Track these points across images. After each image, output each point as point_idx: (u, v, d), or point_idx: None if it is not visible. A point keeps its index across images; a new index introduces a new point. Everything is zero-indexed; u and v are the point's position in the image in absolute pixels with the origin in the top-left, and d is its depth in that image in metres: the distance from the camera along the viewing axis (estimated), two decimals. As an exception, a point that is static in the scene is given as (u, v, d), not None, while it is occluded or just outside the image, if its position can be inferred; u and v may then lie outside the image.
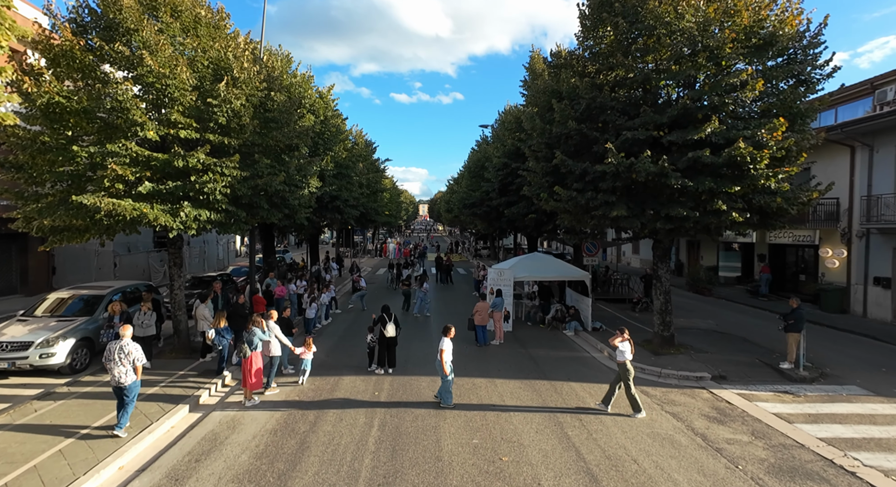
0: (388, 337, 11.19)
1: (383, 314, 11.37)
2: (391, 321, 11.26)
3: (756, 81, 9.40)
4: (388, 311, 11.42)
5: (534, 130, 12.88)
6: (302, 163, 12.52)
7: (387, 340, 11.21)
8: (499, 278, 15.61)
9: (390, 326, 11.18)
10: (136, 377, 7.71)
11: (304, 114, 18.26)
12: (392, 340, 11.26)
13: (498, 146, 21.57)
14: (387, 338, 11.19)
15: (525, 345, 13.90)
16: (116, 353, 7.54)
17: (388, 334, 11.18)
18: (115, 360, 7.52)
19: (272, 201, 11.82)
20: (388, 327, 11.15)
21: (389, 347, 11.32)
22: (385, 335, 11.15)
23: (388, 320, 11.24)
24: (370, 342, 11.52)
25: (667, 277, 13.09)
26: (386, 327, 11.15)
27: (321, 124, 19.06)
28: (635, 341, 14.33)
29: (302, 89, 18.74)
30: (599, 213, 11.20)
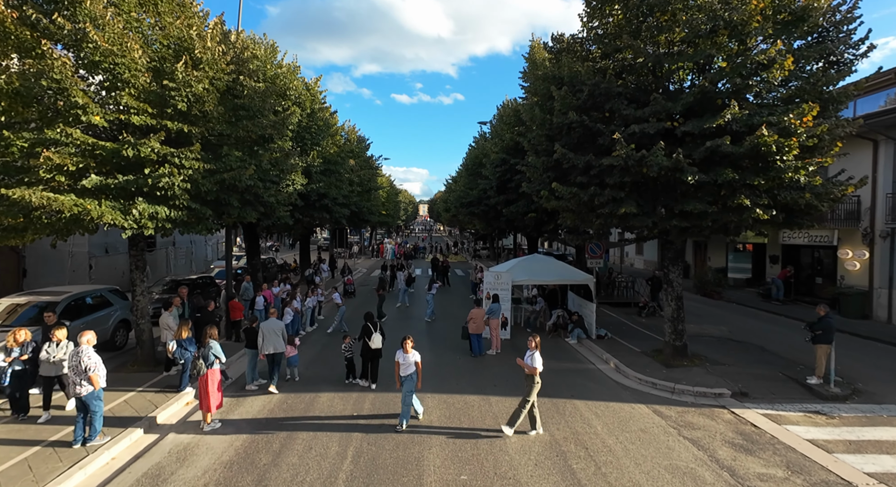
0: (374, 349, 10.16)
1: (367, 324, 10.32)
2: (377, 330, 10.21)
3: (785, 59, 8.26)
4: (373, 320, 10.37)
5: (533, 121, 11.75)
6: (278, 157, 11.38)
7: (371, 352, 10.17)
8: (496, 282, 14.48)
9: (376, 336, 10.12)
10: (94, 388, 7.19)
11: (289, 106, 17.19)
12: (377, 352, 10.21)
13: (496, 142, 20.45)
14: (372, 350, 10.15)
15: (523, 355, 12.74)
16: (71, 360, 7.21)
17: (374, 345, 10.14)
18: (71, 368, 7.18)
19: (244, 198, 10.71)
20: (373, 337, 10.09)
21: (373, 359, 10.25)
22: (370, 346, 10.11)
23: (373, 330, 10.20)
24: (345, 350, 10.50)
25: (678, 281, 11.96)
26: (371, 338, 10.10)
27: (308, 118, 17.95)
28: (642, 349, 13.28)
29: (287, 80, 17.63)
30: (605, 211, 10.07)
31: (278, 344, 10.06)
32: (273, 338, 10.06)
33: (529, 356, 8.06)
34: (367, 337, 10.04)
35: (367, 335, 10.09)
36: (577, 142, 10.78)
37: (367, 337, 10.06)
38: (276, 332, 10.07)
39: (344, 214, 21.96)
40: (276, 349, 10.02)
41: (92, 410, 7.28)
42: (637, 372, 11.00)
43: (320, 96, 18.60)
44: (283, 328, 10.30)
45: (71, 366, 7.24)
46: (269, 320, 10.33)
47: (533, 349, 8.14)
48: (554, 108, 10.98)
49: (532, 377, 7.93)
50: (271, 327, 10.11)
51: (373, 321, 10.28)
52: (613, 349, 12.97)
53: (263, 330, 9.99)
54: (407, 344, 8.25)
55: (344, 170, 19.71)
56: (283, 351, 10.17)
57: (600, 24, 10.74)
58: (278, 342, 10.05)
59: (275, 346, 10.00)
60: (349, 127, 27.47)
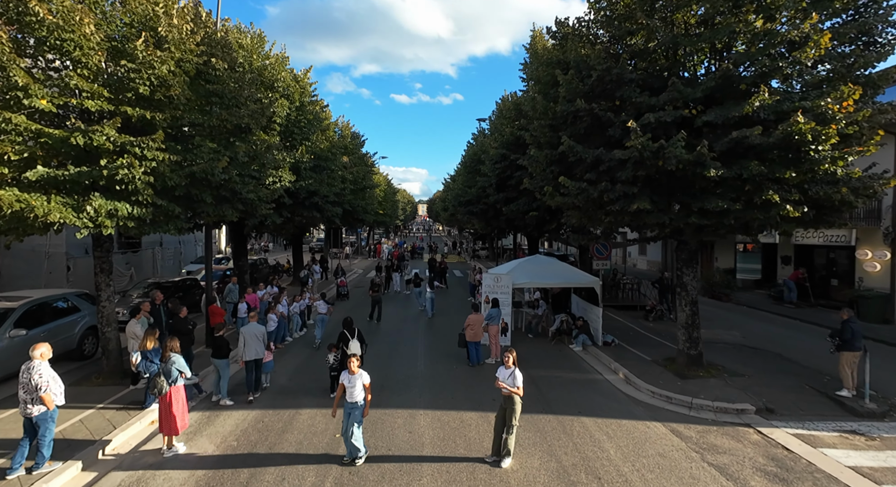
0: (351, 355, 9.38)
1: (344, 331, 9.65)
2: (354, 337, 9.60)
3: (822, 35, 7.32)
4: (351, 325, 9.76)
5: (535, 111, 10.80)
6: (258, 149, 10.43)
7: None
8: (495, 285, 13.54)
9: (353, 343, 9.47)
10: (48, 408, 6.47)
11: (277, 98, 16.25)
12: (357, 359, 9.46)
13: (496, 137, 19.52)
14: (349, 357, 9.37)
15: (526, 364, 11.77)
16: (22, 376, 6.49)
17: (351, 352, 9.33)
18: (21, 385, 6.46)
19: (219, 194, 9.75)
20: (350, 344, 9.41)
21: None
22: (347, 353, 9.27)
23: (350, 336, 9.52)
24: (332, 362, 9.64)
25: (693, 284, 11.05)
26: (349, 344, 9.38)
27: (297, 111, 17.00)
28: (652, 357, 12.34)
29: (275, 71, 16.69)
30: (616, 208, 9.14)
31: (260, 350, 9.42)
32: (254, 343, 9.36)
33: (510, 374, 6.92)
34: (345, 344, 9.40)
35: (344, 342, 9.46)
36: (583, 133, 9.84)
37: (344, 345, 9.41)
38: (257, 337, 9.40)
39: (337, 213, 21.01)
40: (257, 355, 9.39)
41: (41, 433, 6.47)
42: (649, 384, 10.08)
43: (310, 88, 17.66)
44: (264, 332, 9.62)
45: (21, 383, 6.45)
46: (251, 324, 9.60)
47: (511, 365, 7.03)
48: (558, 95, 10.04)
49: (512, 399, 6.86)
50: (252, 331, 9.41)
51: (350, 328, 9.70)
52: (622, 358, 12.04)
53: (244, 335, 9.33)
54: (352, 363, 6.96)
55: (336, 166, 18.76)
56: (262, 357, 9.51)
57: (609, 4, 9.80)
58: (260, 347, 9.42)
59: (256, 351, 9.37)
60: (343, 123, 26.51)
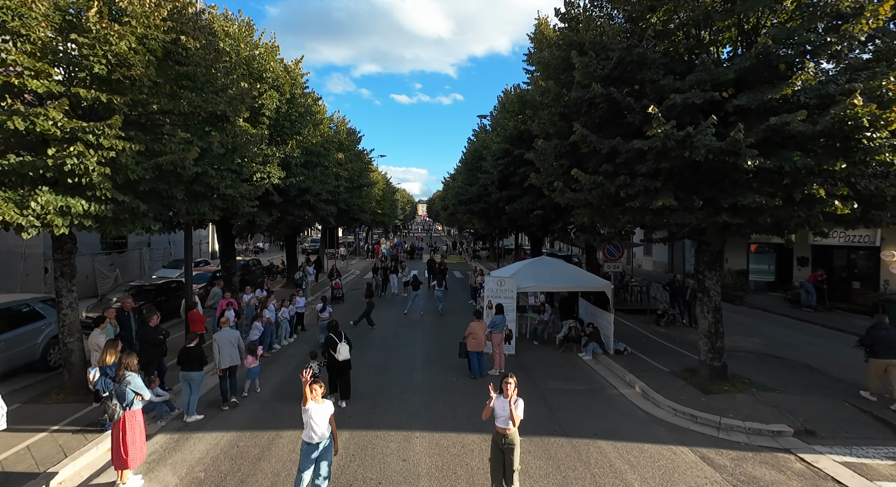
0: (341, 361, 8.95)
1: (331, 335, 9.08)
2: (342, 340, 9.05)
3: (881, 3, 6.35)
4: (337, 329, 9.26)
5: (545, 98, 9.82)
6: (237, 140, 9.43)
7: (339, 365, 8.95)
8: (498, 289, 12.57)
9: (342, 347, 8.96)
10: None
11: (266, 90, 15.28)
12: (345, 364, 9.03)
13: (498, 131, 18.55)
14: (339, 362, 8.93)
15: (533, 376, 10.86)
16: None
17: (341, 357, 8.96)
18: None
19: (193, 189, 8.77)
20: (339, 348, 8.91)
21: (342, 372, 9.03)
22: (336, 358, 8.89)
23: (337, 340, 9.00)
24: (316, 371, 8.84)
25: (716, 289, 10.08)
26: (337, 349, 8.90)
27: (287, 103, 16.02)
28: (670, 368, 11.32)
29: (264, 61, 15.70)
30: (635, 204, 8.16)
31: (236, 356, 9.01)
32: (229, 350, 8.89)
33: (511, 404, 5.56)
34: (332, 349, 8.91)
35: (331, 346, 8.95)
36: (599, 122, 8.87)
37: (331, 349, 8.93)
38: (231, 343, 8.95)
39: (331, 212, 20.03)
40: (233, 361, 8.95)
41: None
42: (670, 400, 9.10)
43: (301, 80, 16.67)
44: (238, 337, 9.19)
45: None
46: (223, 330, 9.11)
47: (512, 393, 5.62)
48: (571, 81, 9.06)
49: (510, 438, 5.60)
50: (226, 337, 8.94)
51: (337, 332, 9.19)
52: (636, 368, 11.07)
53: (218, 341, 8.87)
54: (313, 391, 5.36)
55: (329, 163, 17.78)
56: (237, 364, 9.08)
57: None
58: (236, 353, 9.01)
59: (232, 358, 8.93)
60: (339, 118, 25.53)
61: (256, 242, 47.16)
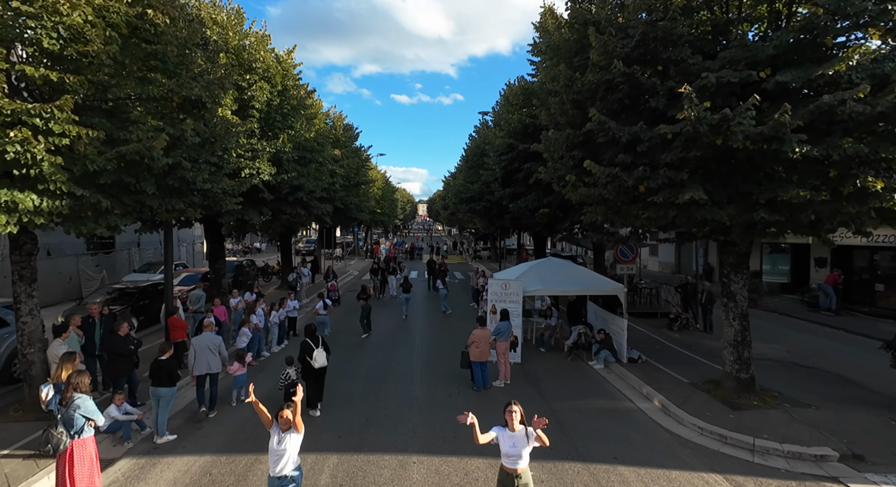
0: (318, 368, 8.33)
1: (307, 340, 8.42)
2: (319, 346, 8.42)
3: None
4: (314, 334, 8.65)
5: (555, 84, 8.93)
6: (216, 129, 8.55)
7: (315, 372, 8.36)
8: (503, 293, 11.67)
9: (319, 353, 8.32)
10: None
11: (256, 81, 14.40)
12: (322, 371, 8.48)
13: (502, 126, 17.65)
14: (315, 370, 8.32)
15: (542, 388, 9.98)
16: None
17: (317, 364, 8.27)
18: None
19: (166, 183, 7.88)
20: (315, 355, 8.26)
21: (318, 379, 8.48)
22: (313, 366, 8.25)
23: (314, 346, 8.34)
24: (293, 377, 8.47)
25: (743, 294, 9.19)
26: (313, 355, 8.25)
27: (278, 95, 15.14)
28: (689, 379, 10.32)
29: (254, 51, 14.82)
30: (658, 199, 7.28)
31: (213, 363, 8.27)
32: (206, 356, 8.19)
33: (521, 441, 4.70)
34: (308, 355, 8.26)
35: (307, 352, 8.29)
36: (616, 108, 7.98)
37: (307, 355, 8.27)
38: (209, 348, 8.26)
39: (326, 210, 19.13)
40: (210, 369, 8.24)
41: None
42: (695, 417, 8.22)
43: (294, 71, 15.79)
44: (219, 343, 8.42)
45: None
46: (203, 334, 8.50)
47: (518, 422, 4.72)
48: (585, 63, 8.16)
49: (520, 478, 4.74)
50: (204, 342, 8.30)
51: (314, 336, 8.56)
52: (653, 379, 10.18)
53: (195, 346, 8.28)
54: (285, 414, 4.67)
55: (324, 159, 16.90)
56: (218, 371, 8.41)
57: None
58: (213, 360, 8.27)
59: (209, 365, 8.22)
60: (335, 114, 24.63)
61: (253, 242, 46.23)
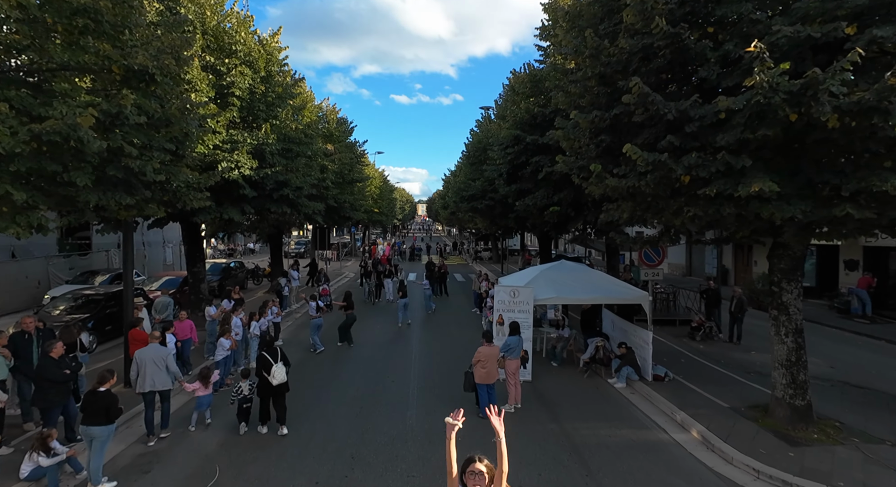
0: (277, 385, 7.31)
1: (263, 353, 7.48)
2: (279, 360, 7.41)
3: None
4: (273, 346, 7.70)
5: (577, 57, 7.51)
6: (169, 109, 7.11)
7: (273, 389, 7.35)
8: (511, 301, 10.27)
9: (277, 368, 7.31)
10: None
11: (236, 65, 13.01)
12: (281, 388, 7.44)
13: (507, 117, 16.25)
14: (273, 387, 7.31)
15: (558, 413, 8.58)
16: None
17: (276, 380, 7.28)
18: None
19: (105, 174, 6.47)
20: (273, 370, 7.26)
21: (277, 396, 7.49)
22: (270, 382, 7.25)
23: (272, 360, 7.33)
24: (246, 392, 7.50)
25: (797, 305, 7.80)
26: (271, 371, 7.24)
27: (261, 82, 13.74)
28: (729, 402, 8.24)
29: (235, 34, 13.42)
30: (711, 192, 5.87)
31: (159, 379, 7.21)
32: (150, 371, 7.14)
33: None
34: (266, 370, 7.27)
35: (264, 367, 7.30)
36: (654, 82, 6.57)
37: (265, 370, 7.28)
38: (154, 362, 7.19)
39: (318, 209, 17.70)
40: (155, 385, 7.18)
41: None
42: (746, 455, 6.82)
43: (279, 55, 14.39)
44: (165, 355, 7.34)
45: None
46: (149, 346, 7.42)
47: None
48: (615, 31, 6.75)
49: None
50: (148, 355, 7.23)
51: (272, 349, 7.58)
52: (686, 402, 8.79)
53: (137, 360, 7.25)
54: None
55: (312, 153, 15.50)
56: (168, 389, 7.36)
57: None
58: (159, 376, 7.21)
59: (153, 381, 7.16)
60: (328, 106, 23.21)
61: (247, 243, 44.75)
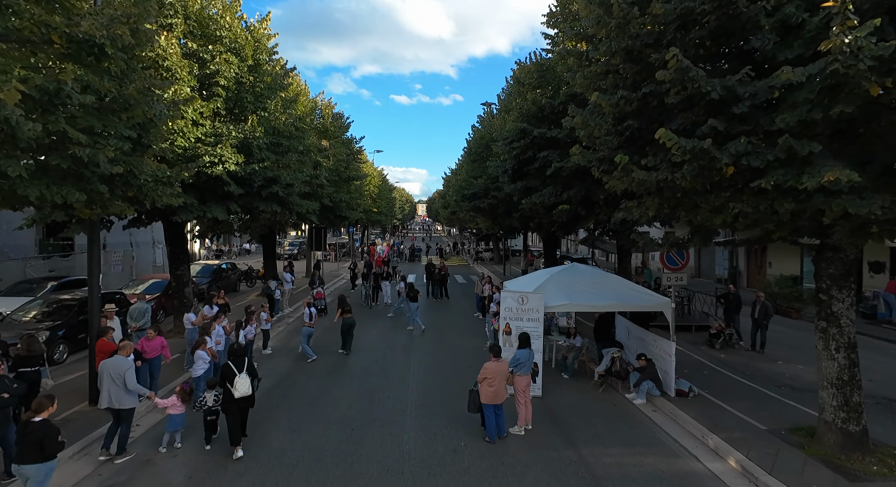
0: (239, 398, 6.57)
1: (229, 362, 6.77)
2: (243, 371, 6.68)
3: None
4: (240, 355, 6.90)
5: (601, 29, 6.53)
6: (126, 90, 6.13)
7: (237, 402, 6.59)
8: (519, 309, 9.30)
9: (241, 379, 6.58)
10: None
11: (220, 53, 12.05)
12: (246, 401, 6.71)
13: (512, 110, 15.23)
14: (235, 400, 6.56)
15: (573, 436, 7.60)
16: None
17: (239, 392, 6.55)
18: None
19: (47, 164, 5.51)
20: (237, 381, 6.54)
21: (242, 411, 6.76)
22: (233, 394, 6.52)
23: (236, 370, 6.63)
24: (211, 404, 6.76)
25: (850, 316, 6.86)
26: (234, 382, 6.53)
27: (249, 72, 12.76)
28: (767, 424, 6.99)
29: (220, 19, 12.45)
30: (769, 183, 4.89)
31: (116, 396, 6.37)
32: (108, 386, 6.35)
33: None
34: (229, 381, 6.55)
35: (227, 378, 6.59)
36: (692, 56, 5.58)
37: (228, 381, 6.57)
38: (112, 377, 6.36)
39: (312, 208, 16.74)
40: (111, 403, 6.41)
41: None
42: (796, 491, 5.86)
43: (268, 43, 13.42)
44: (123, 371, 6.41)
45: None
46: (113, 358, 6.64)
47: None
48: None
49: None
50: (107, 368, 6.45)
51: (239, 358, 6.81)
52: (716, 423, 7.83)
53: (100, 372, 6.55)
54: None
55: (304, 148, 14.52)
56: (129, 408, 6.53)
57: None
58: (116, 392, 6.37)
59: (111, 398, 6.39)
60: (323, 101, 22.21)
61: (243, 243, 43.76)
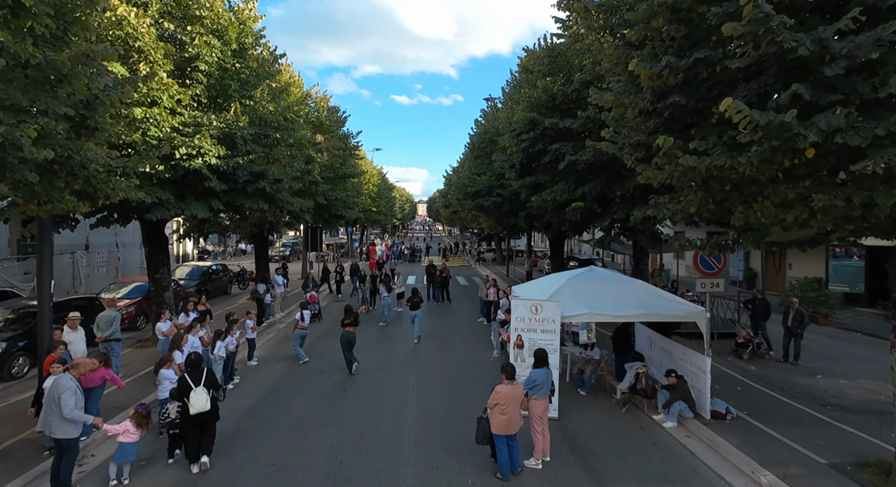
0: (196, 414, 6.02)
1: (184, 376, 6.24)
2: (201, 383, 6.13)
3: None
4: (199, 367, 6.34)
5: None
6: (57, 57, 5.01)
7: (196, 418, 6.06)
8: (532, 319, 8.17)
9: (198, 393, 6.02)
10: None
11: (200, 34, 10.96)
12: (207, 416, 6.15)
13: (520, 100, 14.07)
14: (192, 416, 6.03)
15: (596, 469, 6.50)
16: None
17: (196, 407, 5.99)
18: None
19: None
20: (193, 396, 6.00)
21: (203, 426, 6.24)
22: (189, 409, 6.00)
23: (192, 383, 6.09)
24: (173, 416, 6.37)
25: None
26: (190, 396, 6.00)
27: (233, 57, 11.65)
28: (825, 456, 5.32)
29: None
30: (878, 166, 3.79)
31: (51, 422, 5.46)
32: (45, 410, 5.62)
33: None
34: (185, 395, 6.07)
35: (183, 392, 6.12)
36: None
37: (184, 396, 6.10)
38: (48, 400, 5.57)
39: (304, 206, 15.67)
40: (45, 429, 5.70)
41: None
42: (882, 550, 4.75)
43: (254, 25, 12.31)
44: (59, 393, 5.42)
45: None
46: (59, 376, 5.74)
47: None
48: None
49: None
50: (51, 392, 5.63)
51: (198, 370, 6.27)
52: (766, 455, 6.74)
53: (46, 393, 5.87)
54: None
55: (295, 140, 13.42)
56: (68, 438, 5.53)
57: None
58: (52, 418, 5.45)
59: (44, 423, 5.64)
60: (318, 94, 21.11)
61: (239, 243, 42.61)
